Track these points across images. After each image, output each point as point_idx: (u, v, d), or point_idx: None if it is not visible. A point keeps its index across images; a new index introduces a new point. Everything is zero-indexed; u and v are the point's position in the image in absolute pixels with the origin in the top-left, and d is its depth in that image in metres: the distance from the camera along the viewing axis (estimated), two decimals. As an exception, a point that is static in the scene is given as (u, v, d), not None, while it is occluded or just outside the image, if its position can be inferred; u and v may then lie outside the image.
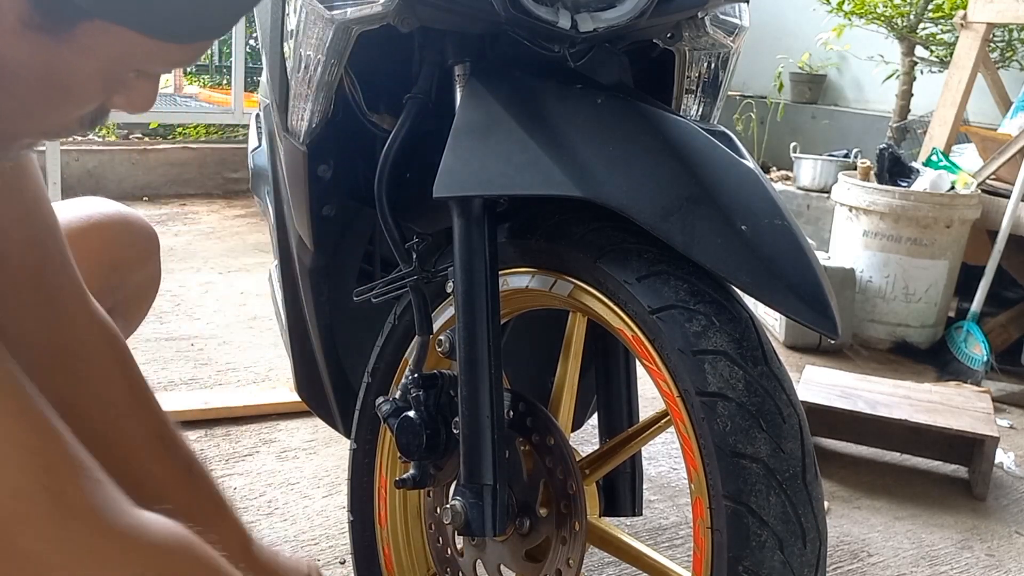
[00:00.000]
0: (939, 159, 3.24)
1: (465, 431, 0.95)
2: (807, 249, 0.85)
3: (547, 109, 0.95)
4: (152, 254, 1.08)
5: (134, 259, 1.05)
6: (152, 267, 1.12)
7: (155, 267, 1.13)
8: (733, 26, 1.15)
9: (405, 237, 1.11)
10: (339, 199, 1.26)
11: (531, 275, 1.03)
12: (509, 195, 0.98)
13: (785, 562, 0.79)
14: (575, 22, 0.98)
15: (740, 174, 0.88)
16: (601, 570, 1.59)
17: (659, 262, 0.88)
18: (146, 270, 1.10)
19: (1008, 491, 2.13)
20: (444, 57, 1.07)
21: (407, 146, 1.11)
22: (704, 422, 0.82)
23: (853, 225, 3.09)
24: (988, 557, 1.81)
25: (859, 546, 1.81)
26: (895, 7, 4.08)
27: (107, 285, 1.01)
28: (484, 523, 0.94)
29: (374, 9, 1.01)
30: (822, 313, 0.82)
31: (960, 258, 3.05)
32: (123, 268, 1.05)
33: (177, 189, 4.47)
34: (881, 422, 2.13)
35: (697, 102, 1.21)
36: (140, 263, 1.09)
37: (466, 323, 0.96)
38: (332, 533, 1.65)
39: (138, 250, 1.06)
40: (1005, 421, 2.54)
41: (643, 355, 0.89)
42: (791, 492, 0.80)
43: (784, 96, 5.28)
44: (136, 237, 1.07)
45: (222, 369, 2.37)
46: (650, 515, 1.84)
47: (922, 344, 3.07)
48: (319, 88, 1.12)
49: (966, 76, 3.40)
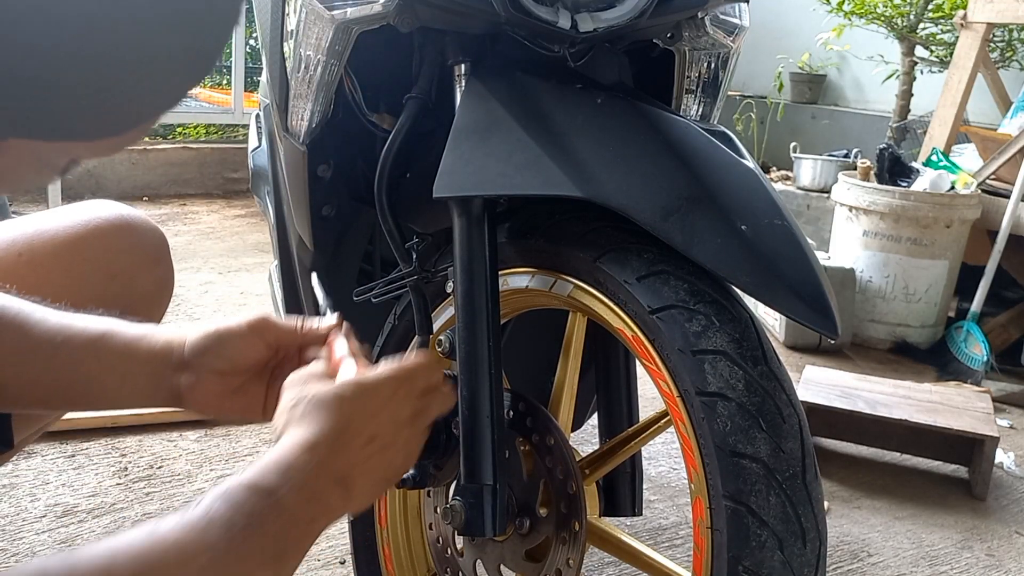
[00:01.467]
0: (939, 159, 3.24)
1: (465, 431, 0.95)
2: (807, 249, 0.85)
3: (547, 109, 0.95)
4: (160, 257, 1.05)
5: (140, 263, 1.02)
6: (161, 270, 1.08)
7: (165, 270, 1.08)
8: (733, 26, 1.15)
9: (405, 237, 1.11)
10: (339, 199, 1.26)
11: (531, 275, 1.03)
12: (509, 195, 0.98)
13: (785, 562, 0.79)
14: (575, 22, 0.98)
15: (740, 174, 0.88)
16: (601, 570, 1.59)
17: (659, 262, 0.88)
18: (154, 273, 1.07)
19: (1008, 491, 2.13)
20: (444, 57, 1.07)
21: (407, 146, 1.11)
22: (704, 422, 0.82)
23: (853, 225, 3.09)
24: (988, 557, 1.81)
25: (859, 546, 1.81)
26: (895, 7, 4.09)
27: (110, 292, 0.99)
28: (484, 523, 0.94)
29: (374, 9, 1.01)
30: (822, 313, 0.82)
31: (960, 258, 3.05)
32: (128, 273, 1.02)
33: (177, 189, 4.47)
34: (881, 422, 2.13)
35: (697, 102, 1.21)
36: (147, 267, 1.05)
37: (466, 323, 0.96)
38: (332, 533, 1.65)
39: (144, 254, 1.02)
40: (1005, 421, 2.54)
41: (643, 355, 0.89)
42: (791, 492, 0.80)
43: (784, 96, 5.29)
44: (141, 241, 1.03)
45: (222, 369, 2.37)
46: (650, 515, 1.84)
47: (922, 344, 3.07)
48: (319, 88, 1.12)
49: (966, 76, 3.40)
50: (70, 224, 0.99)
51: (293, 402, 0.75)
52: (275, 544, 0.65)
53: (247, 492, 0.65)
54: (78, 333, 0.86)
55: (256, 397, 0.91)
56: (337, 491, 0.72)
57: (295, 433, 0.72)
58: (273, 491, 0.66)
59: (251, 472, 0.68)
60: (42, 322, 0.85)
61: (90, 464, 1.84)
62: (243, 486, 0.66)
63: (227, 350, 0.88)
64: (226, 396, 0.89)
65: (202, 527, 0.62)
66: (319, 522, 0.70)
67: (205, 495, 0.64)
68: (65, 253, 0.96)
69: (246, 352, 0.89)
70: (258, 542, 0.64)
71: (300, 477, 0.68)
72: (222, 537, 0.62)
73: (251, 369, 0.90)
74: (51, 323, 0.86)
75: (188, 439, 1.98)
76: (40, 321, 0.85)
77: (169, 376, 0.88)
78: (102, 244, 0.99)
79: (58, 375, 0.87)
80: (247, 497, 0.65)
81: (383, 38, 1.06)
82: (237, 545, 0.63)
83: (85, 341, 0.86)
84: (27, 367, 0.85)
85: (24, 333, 0.84)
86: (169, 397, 0.89)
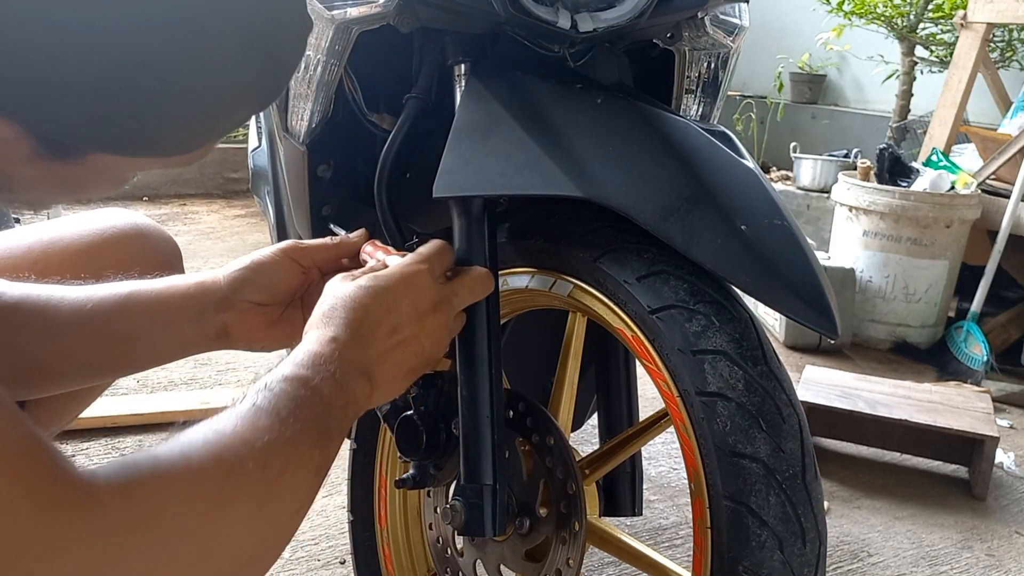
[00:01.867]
0: (939, 159, 3.24)
1: (465, 431, 0.95)
2: (807, 249, 0.85)
3: (547, 109, 0.95)
4: (173, 264, 1.06)
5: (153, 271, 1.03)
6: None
7: None
8: (733, 26, 1.15)
9: (405, 237, 1.11)
10: (339, 199, 1.26)
11: (531, 275, 1.02)
12: (509, 195, 0.98)
13: (785, 562, 0.79)
14: (575, 22, 0.98)
15: (740, 174, 0.88)
16: (601, 570, 1.59)
17: (658, 262, 0.88)
18: None
19: (1008, 491, 2.13)
20: (444, 57, 1.07)
21: (407, 146, 1.11)
22: (704, 422, 0.82)
23: (853, 225, 3.09)
24: (988, 557, 1.81)
25: (859, 546, 1.81)
26: (895, 7, 4.09)
27: None
28: (484, 523, 0.94)
29: (374, 9, 1.01)
30: (822, 313, 0.82)
31: (960, 258, 3.05)
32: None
33: (177, 189, 4.48)
34: (881, 422, 2.13)
35: (697, 102, 1.21)
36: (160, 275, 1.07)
37: (466, 323, 0.96)
38: (332, 533, 1.65)
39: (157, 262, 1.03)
40: (1005, 421, 2.54)
41: (643, 355, 0.89)
42: (791, 492, 0.80)
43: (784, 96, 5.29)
44: (154, 249, 1.04)
45: (222, 369, 2.37)
46: (650, 515, 1.84)
47: (922, 344, 3.07)
48: (319, 88, 1.12)
49: (966, 76, 3.40)
50: (85, 233, 1.00)
51: (321, 303, 0.80)
52: (318, 426, 0.70)
53: (285, 383, 0.70)
54: (105, 298, 0.89)
55: (296, 323, 0.95)
56: (361, 381, 0.76)
57: (320, 330, 0.77)
58: (308, 380, 0.72)
59: (285, 366, 0.73)
60: (66, 298, 0.88)
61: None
62: (281, 378, 0.71)
63: (266, 280, 0.94)
64: (271, 326, 0.95)
65: (252, 416, 0.66)
66: (351, 408, 0.75)
67: (248, 389, 0.70)
68: (79, 261, 0.97)
69: (284, 279, 0.95)
70: (303, 425, 0.69)
71: (328, 367, 0.73)
72: (273, 422, 0.67)
73: (289, 296, 0.96)
74: (76, 296, 0.89)
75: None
76: (64, 297, 0.88)
77: (212, 316, 0.92)
78: (116, 252, 1.00)
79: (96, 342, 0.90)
80: (285, 387, 0.70)
81: (383, 38, 1.06)
82: (287, 428, 0.67)
83: (113, 304, 0.89)
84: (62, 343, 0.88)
85: (51, 311, 0.87)
86: (216, 337, 0.94)
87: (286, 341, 0.97)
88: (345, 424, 0.74)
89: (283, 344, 0.98)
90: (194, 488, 0.61)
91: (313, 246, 0.98)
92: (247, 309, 0.93)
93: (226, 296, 0.92)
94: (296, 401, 0.69)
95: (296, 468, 0.67)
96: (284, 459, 0.66)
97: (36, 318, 0.86)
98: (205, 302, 0.92)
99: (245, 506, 0.64)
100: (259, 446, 0.65)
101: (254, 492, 0.64)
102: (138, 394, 2.19)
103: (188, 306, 0.92)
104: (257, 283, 0.94)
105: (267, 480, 0.65)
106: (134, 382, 2.24)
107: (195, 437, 0.64)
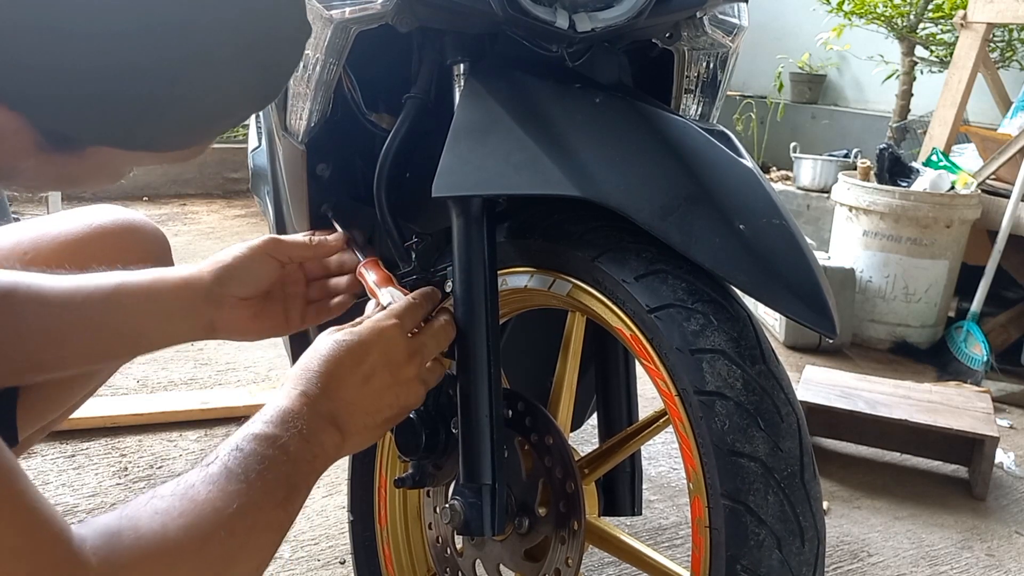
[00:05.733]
0: (939, 159, 3.24)
1: (464, 431, 0.95)
2: (805, 249, 0.85)
3: (546, 109, 0.95)
4: (162, 259, 1.07)
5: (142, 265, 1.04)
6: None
7: None
8: (732, 26, 1.15)
9: (404, 237, 1.11)
10: (338, 198, 1.26)
11: (530, 274, 1.03)
12: (508, 195, 0.98)
13: (783, 561, 0.79)
14: (573, 22, 0.97)
15: (739, 174, 0.88)
16: (601, 570, 1.59)
17: (657, 261, 0.88)
18: None
19: (1008, 491, 2.13)
20: (443, 57, 1.07)
21: (406, 146, 1.11)
22: (702, 421, 0.82)
23: (853, 225, 3.09)
24: (988, 557, 1.81)
25: (859, 546, 1.81)
26: (895, 7, 4.08)
27: None
28: (483, 523, 0.94)
29: (372, 9, 1.01)
30: (820, 313, 0.82)
31: (960, 258, 3.05)
32: None
33: (177, 189, 4.48)
34: (881, 422, 2.13)
35: (696, 102, 1.21)
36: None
37: (465, 323, 0.96)
38: (332, 533, 1.65)
39: (146, 256, 1.04)
40: (1005, 421, 2.54)
41: (641, 354, 0.89)
42: (789, 491, 0.80)
43: (784, 96, 5.29)
44: (142, 243, 1.06)
45: (222, 369, 2.37)
46: (650, 515, 1.84)
47: (922, 344, 3.07)
48: (318, 87, 1.12)
49: (966, 76, 3.40)
50: (74, 227, 1.02)
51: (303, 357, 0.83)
52: (285, 484, 0.72)
53: (255, 442, 0.72)
54: (96, 289, 0.92)
55: (277, 314, 1.03)
56: (330, 431, 0.79)
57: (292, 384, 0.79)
58: (276, 439, 0.73)
59: (255, 423, 0.75)
60: (56, 287, 0.91)
61: (90, 464, 1.84)
62: (251, 436, 0.73)
63: (247, 275, 0.99)
64: (254, 318, 1.00)
65: (224, 481, 0.69)
66: (320, 460, 0.77)
67: (219, 448, 0.72)
68: (69, 255, 0.98)
69: (265, 274, 1.01)
70: (271, 487, 0.71)
71: (297, 423, 0.75)
72: (241, 487, 0.69)
73: (268, 288, 1.01)
74: (65, 286, 0.91)
75: (188, 439, 1.98)
76: (54, 287, 0.91)
77: (202, 311, 0.97)
78: (105, 246, 1.02)
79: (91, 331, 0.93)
80: (255, 447, 0.72)
81: (382, 38, 1.06)
82: (254, 492, 0.69)
83: (104, 295, 0.92)
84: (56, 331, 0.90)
85: (42, 302, 0.90)
86: (204, 330, 0.99)
87: (269, 332, 1.02)
88: (313, 477, 0.76)
89: (266, 335, 1.03)
90: (174, 565, 0.64)
91: (291, 243, 1.03)
92: (233, 304, 0.98)
93: (212, 291, 0.97)
94: (264, 462, 0.71)
95: (261, 531, 0.70)
96: (251, 523, 0.69)
97: (29, 304, 0.89)
98: (193, 297, 0.96)
99: (210, 573, 0.67)
100: (228, 513, 0.67)
101: (221, 558, 0.67)
102: (138, 394, 2.19)
103: (178, 300, 0.96)
104: (239, 278, 0.98)
105: (234, 547, 0.68)
106: (134, 382, 2.24)
107: (172, 506, 0.66)
